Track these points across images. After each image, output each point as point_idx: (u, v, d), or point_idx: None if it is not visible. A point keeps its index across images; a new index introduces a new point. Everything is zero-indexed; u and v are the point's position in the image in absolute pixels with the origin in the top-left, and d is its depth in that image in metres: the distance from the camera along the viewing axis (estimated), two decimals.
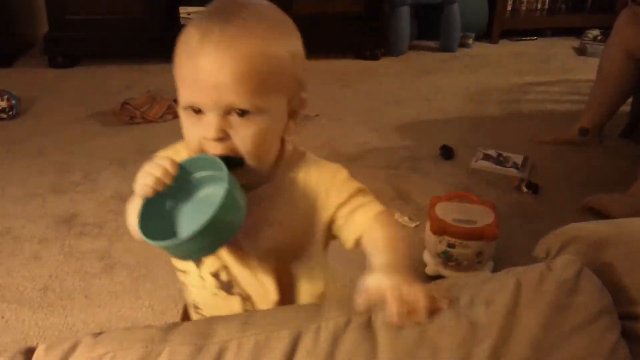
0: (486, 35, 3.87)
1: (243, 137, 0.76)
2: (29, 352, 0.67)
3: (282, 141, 0.85)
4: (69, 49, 3.18)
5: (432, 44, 3.74)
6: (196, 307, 0.93)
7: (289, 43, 0.79)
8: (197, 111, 0.76)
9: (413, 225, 1.92)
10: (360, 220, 0.83)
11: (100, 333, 0.69)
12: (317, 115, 2.72)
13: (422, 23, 3.74)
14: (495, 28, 3.85)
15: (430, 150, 2.42)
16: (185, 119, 0.78)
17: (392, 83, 3.21)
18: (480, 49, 3.78)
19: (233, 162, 0.76)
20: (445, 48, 3.66)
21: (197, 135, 0.77)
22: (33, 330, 1.47)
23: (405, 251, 0.81)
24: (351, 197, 0.84)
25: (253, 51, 0.74)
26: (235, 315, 0.74)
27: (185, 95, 0.76)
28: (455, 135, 2.54)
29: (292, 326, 0.69)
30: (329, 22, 3.38)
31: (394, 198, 2.09)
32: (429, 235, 1.66)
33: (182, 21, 3.23)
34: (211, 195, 0.79)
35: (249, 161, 0.78)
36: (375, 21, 3.45)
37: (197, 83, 0.74)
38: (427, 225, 1.67)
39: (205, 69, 0.73)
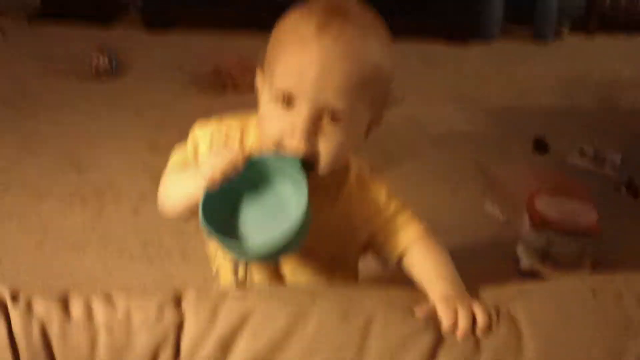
0: (582, 25, 3.70)
1: (329, 144, 0.74)
2: (177, 298, 0.69)
3: None
4: (165, 11, 3.25)
5: (524, 29, 3.62)
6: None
7: (392, 58, 0.79)
8: (288, 102, 0.73)
9: (504, 217, 1.87)
10: (402, 240, 0.84)
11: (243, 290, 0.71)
12: (403, 97, 2.68)
13: (515, 7, 3.62)
14: (592, 19, 3.68)
15: (522, 140, 2.35)
16: (271, 109, 0.75)
17: (481, 68, 3.13)
18: (576, 39, 3.62)
19: (306, 166, 0.74)
20: (539, 35, 3.53)
21: (280, 128, 0.74)
22: (135, 280, 1.53)
23: (454, 275, 0.81)
24: (393, 215, 0.86)
25: (367, 56, 0.73)
26: (377, 290, 0.73)
27: (283, 80, 0.73)
28: (548, 127, 2.46)
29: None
30: (419, 3, 3.32)
31: (483, 188, 2.05)
32: (526, 230, 1.62)
33: None
34: (283, 199, 0.76)
35: (322, 169, 0.76)
36: (466, 3, 3.36)
37: (303, 72, 0.71)
38: (525, 218, 1.63)
39: (318, 60, 0.70)
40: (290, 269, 0.87)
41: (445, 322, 0.67)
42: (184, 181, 0.79)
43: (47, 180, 1.92)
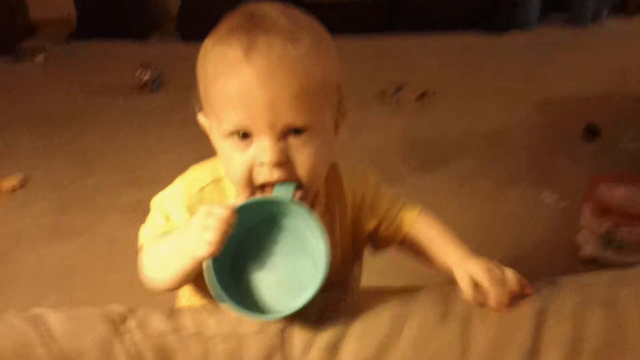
0: (621, 7, 3.64)
1: (303, 158, 0.68)
2: None
3: None
4: (200, 22, 3.29)
5: (562, 15, 3.57)
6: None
7: (331, 49, 0.72)
8: (244, 137, 0.67)
9: (562, 206, 1.86)
10: (405, 220, 0.86)
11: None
12: (447, 92, 2.68)
13: None
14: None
15: (572, 129, 2.32)
16: (228, 147, 0.69)
17: (522, 58, 3.10)
18: (615, 23, 3.56)
19: (294, 190, 0.68)
20: (577, 21, 3.48)
21: (246, 163, 0.68)
22: None
23: (461, 240, 0.83)
24: (393, 201, 0.86)
25: (306, 63, 0.66)
26: None
27: (231, 118, 0.66)
28: (597, 114, 2.42)
29: (533, 300, 0.70)
30: None
31: (537, 178, 2.04)
32: (588, 217, 1.61)
33: None
34: (298, 240, 0.69)
35: (307, 183, 0.70)
36: None
37: (248, 103, 0.65)
38: (587, 206, 1.62)
39: (258, 86, 0.64)
40: None
41: (485, 282, 0.69)
42: (173, 252, 0.70)
43: (108, 195, 1.97)
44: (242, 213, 0.65)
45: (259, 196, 0.69)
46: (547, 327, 0.67)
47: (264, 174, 0.68)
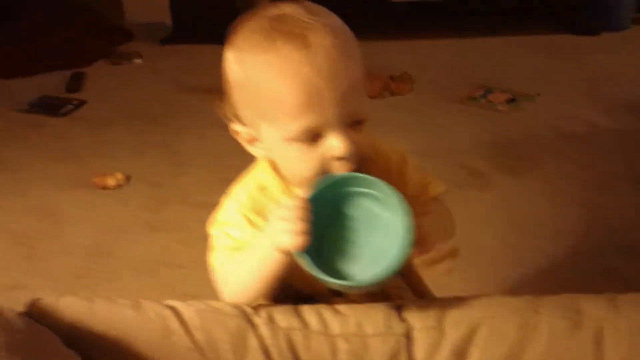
0: None
1: (362, 147, 0.69)
2: (399, 308, 0.73)
3: None
4: None
5: None
6: None
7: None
8: (314, 136, 0.68)
9: None
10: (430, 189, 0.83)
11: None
12: (538, 95, 2.61)
13: None
14: None
15: None
16: (295, 150, 0.69)
17: (615, 60, 2.97)
18: None
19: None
20: None
21: (318, 161, 0.69)
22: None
23: (445, 218, 0.81)
24: (420, 172, 0.83)
25: (354, 52, 0.69)
26: (595, 296, 0.73)
27: (299, 122, 0.66)
28: None
29: None
30: None
31: (633, 183, 1.96)
32: None
33: None
34: (374, 221, 0.69)
35: (364, 171, 0.70)
36: None
37: (316, 103, 0.65)
38: None
39: (325, 83, 0.64)
40: None
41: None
42: (257, 260, 0.71)
43: (203, 192, 2.04)
44: (315, 202, 0.67)
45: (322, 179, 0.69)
46: None
47: (340, 166, 0.69)
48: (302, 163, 0.70)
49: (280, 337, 0.68)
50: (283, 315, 0.71)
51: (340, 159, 0.68)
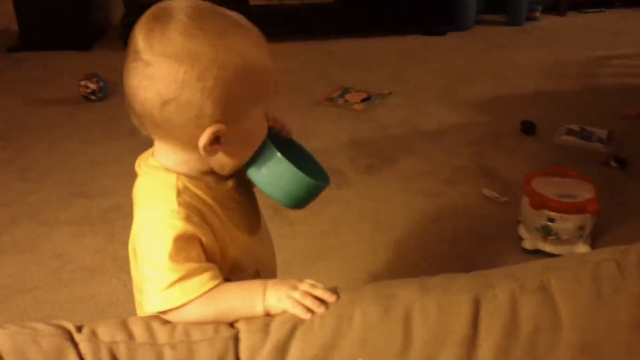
0: (554, 7, 3.81)
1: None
2: None
3: None
4: None
5: (498, 17, 3.70)
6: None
7: None
8: None
9: (503, 200, 1.94)
10: None
11: None
12: (390, 93, 2.75)
13: None
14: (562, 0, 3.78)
15: (510, 126, 2.42)
16: (261, 122, 0.80)
17: (461, 59, 3.20)
18: (549, 21, 3.72)
19: None
20: (513, 21, 3.62)
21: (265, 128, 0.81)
22: None
23: None
24: None
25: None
26: (408, 280, 0.79)
27: (268, 99, 0.79)
28: (534, 111, 2.53)
29: (469, 291, 0.74)
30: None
31: (479, 175, 2.12)
32: (526, 210, 1.69)
33: None
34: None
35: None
36: None
37: (273, 82, 0.78)
38: (524, 200, 1.69)
39: (273, 65, 0.77)
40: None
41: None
42: (234, 307, 0.73)
43: (54, 210, 1.94)
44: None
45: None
46: (484, 316, 0.71)
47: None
48: (261, 134, 0.80)
49: (102, 353, 0.67)
50: (107, 329, 0.69)
51: (271, 117, 0.83)
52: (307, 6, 3.36)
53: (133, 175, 0.83)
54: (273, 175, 0.81)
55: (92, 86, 2.65)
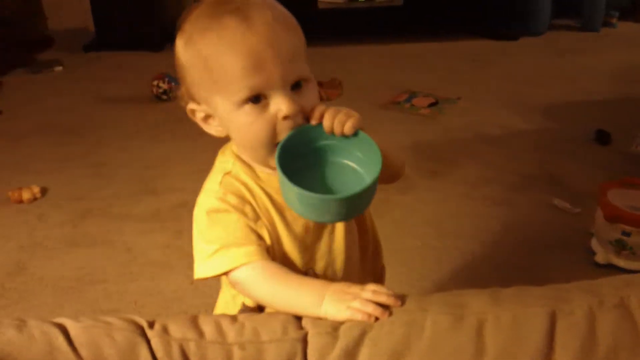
0: (631, 13, 3.65)
1: (309, 105, 0.75)
2: (297, 316, 0.74)
3: None
4: None
5: (572, 22, 3.58)
6: None
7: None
8: (258, 99, 0.73)
9: (575, 211, 1.87)
10: None
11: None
12: (459, 98, 2.70)
13: (562, 0, 3.59)
14: (639, 6, 3.62)
15: (581, 133, 2.34)
16: (245, 114, 0.74)
17: (532, 63, 3.12)
18: (625, 27, 3.58)
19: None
20: (588, 27, 3.49)
21: (269, 121, 0.74)
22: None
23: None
24: None
25: (291, 21, 0.76)
26: (479, 290, 0.77)
27: (245, 85, 0.72)
28: (606, 118, 2.44)
29: (544, 304, 0.72)
30: (461, 1, 3.33)
31: (548, 183, 2.05)
32: (600, 223, 1.62)
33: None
34: (339, 163, 0.79)
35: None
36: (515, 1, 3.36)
37: (260, 64, 0.71)
38: (598, 212, 1.63)
39: (266, 47, 0.71)
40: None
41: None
42: (292, 300, 0.76)
43: (124, 206, 2.01)
44: (288, 149, 0.73)
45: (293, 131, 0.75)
46: (560, 330, 0.69)
47: (286, 126, 0.74)
48: (254, 126, 0.74)
49: (173, 349, 0.68)
50: (178, 326, 0.71)
51: (285, 117, 0.73)
52: (376, 9, 3.35)
53: (201, 173, 0.86)
54: (284, 189, 0.74)
55: (164, 86, 2.73)
